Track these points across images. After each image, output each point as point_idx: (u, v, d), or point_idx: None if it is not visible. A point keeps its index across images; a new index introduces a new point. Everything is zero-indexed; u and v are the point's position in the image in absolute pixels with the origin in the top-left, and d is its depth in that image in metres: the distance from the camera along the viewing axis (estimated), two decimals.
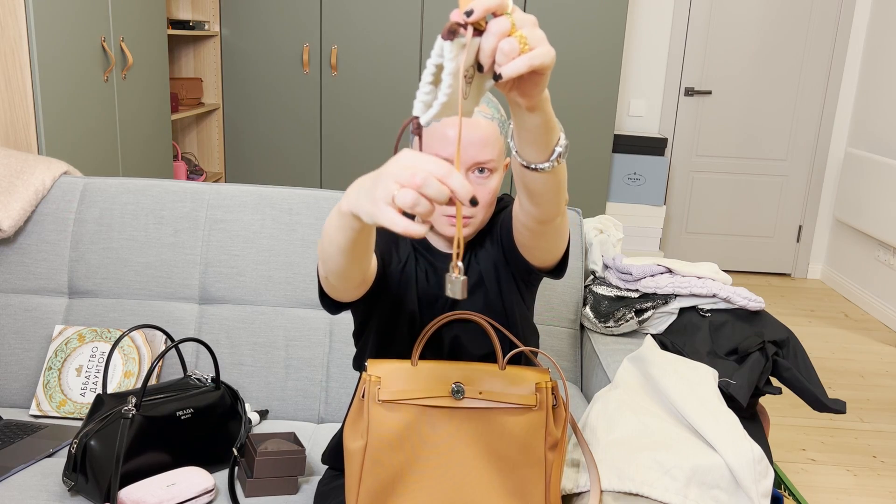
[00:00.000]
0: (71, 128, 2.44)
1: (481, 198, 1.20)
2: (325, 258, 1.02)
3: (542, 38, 0.78)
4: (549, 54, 0.77)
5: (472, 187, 0.79)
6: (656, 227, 4.24)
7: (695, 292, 1.76)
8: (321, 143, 3.98)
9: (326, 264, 1.03)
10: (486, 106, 1.22)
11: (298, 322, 1.75)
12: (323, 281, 1.09)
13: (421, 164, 0.77)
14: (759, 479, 1.20)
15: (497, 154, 1.20)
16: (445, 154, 1.18)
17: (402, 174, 0.76)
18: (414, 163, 0.77)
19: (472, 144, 1.17)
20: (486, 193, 1.21)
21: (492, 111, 1.22)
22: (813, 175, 4.54)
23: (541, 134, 0.91)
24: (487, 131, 1.19)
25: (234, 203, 1.81)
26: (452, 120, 1.19)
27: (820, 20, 4.34)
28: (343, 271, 1.01)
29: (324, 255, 1.02)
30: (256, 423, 1.68)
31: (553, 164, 0.95)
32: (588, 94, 3.88)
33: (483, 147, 1.18)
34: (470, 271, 1.27)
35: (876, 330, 3.84)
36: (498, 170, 1.22)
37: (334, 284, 1.06)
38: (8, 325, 1.76)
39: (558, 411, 1.19)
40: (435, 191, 0.75)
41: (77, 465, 1.35)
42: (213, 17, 3.83)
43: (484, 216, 1.24)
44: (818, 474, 2.47)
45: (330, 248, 0.99)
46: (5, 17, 2.16)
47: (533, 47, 0.76)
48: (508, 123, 1.25)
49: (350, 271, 1.02)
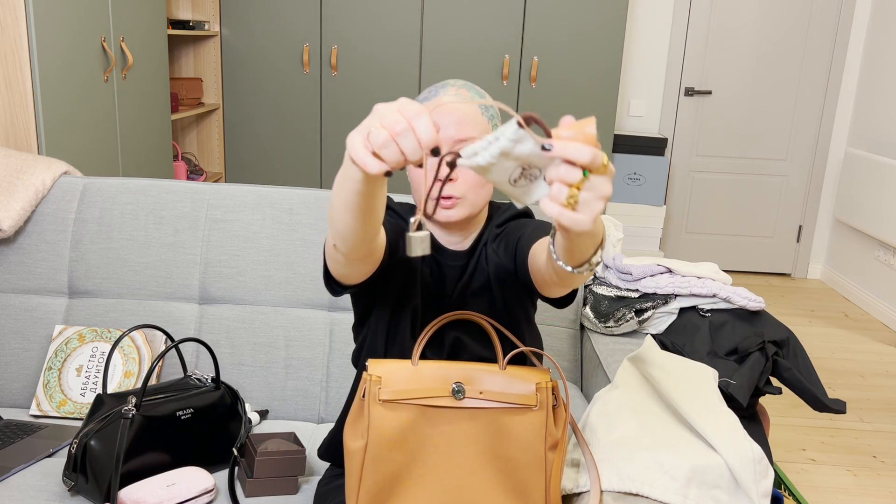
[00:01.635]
0: (71, 128, 2.44)
1: (463, 176, 1.19)
2: (332, 219, 1.00)
3: (594, 210, 0.77)
4: (580, 224, 0.77)
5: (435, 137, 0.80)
6: (656, 227, 4.24)
7: (695, 292, 1.76)
8: (321, 143, 3.98)
9: (335, 226, 1.00)
10: (465, 90, 1.22)
11: (298, 322, 1.75)
12: (330, 254, 1.07)
13: (409, 116, 0.78)
14: (759, 479, 1.20)
15: (478, 131, 1.19)
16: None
17: (388, 117, 0.78)
18: (405, 113, 0.78)
19: (449, 124, 1.17)
20: (469, 173, 1.19)
21: (471, 94, 1.22)
22: (813, 175, 4.54)
23: (574, 250, 0.91)
24: (462, 111, 1.19)
25: (234, 203, 1.81)
26: (435, 105, 1.17)
27: (820, 20, 4.34)
28: (350, 232, 0.99)
29: (332, 216, 1.00)
30: (256, 423, 1.68)
31: (578, 272, 0.95)
32: (588, 94, 3.88)
33: (461, 125, 1.17)
34: (478, 273, 1.27)
35: (876, 330, 3.84)
36: None
37: (342, 253, 1.03)
38: (8, 325, 1.76)
39: (559, 411, 1.19)
40: (409, 146, 0.77)
41: (77, 465, 1.35)
42: (213, 17, 3.83)
43: (474, 198, 1.21)
44: (818, 474, 2.47)
45: (337, 203, 0.97)
46: (5, 17, 2.16)
47: (575, 209, 0.76)
48: (494, 110, 1.25)
49: (358, 232, 0.99)
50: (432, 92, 1.23)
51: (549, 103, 3.89)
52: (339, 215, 0.97)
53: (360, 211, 0.95)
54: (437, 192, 1.15)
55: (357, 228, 0.98)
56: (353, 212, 0.95)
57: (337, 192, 0.96)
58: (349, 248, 1.02)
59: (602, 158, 0.75)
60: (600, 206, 0.77)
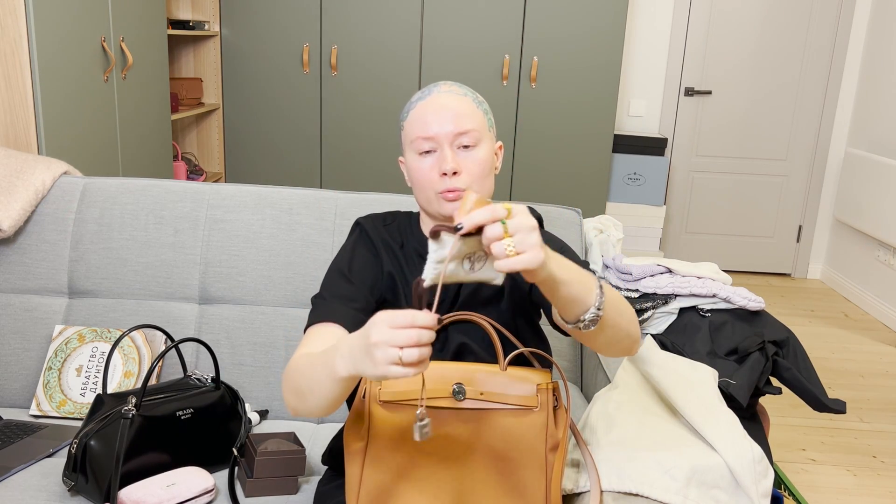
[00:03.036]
0: (71, 128, 2.44)
1: (469, 168, 1.20)
2: (298, 401, 1.08)
3: (532, 244, 0.90)
4: (532, 261, 0.90)
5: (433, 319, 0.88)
6: (656, 227, 4.24)
7: (695, 292, 1.76)
8: (321, 143, 3.98)
9: (298, 408, 1.09)
10: (457, 87, 1.25)
11: (298, 322, 1.75)
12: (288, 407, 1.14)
13: (405, 323, 0.87)
14: (759, 479, 1.20)
15: (476, 124, 1.21)
16: (424, 134, 1.20)
17: (396, 338, 0.86)
18: (400, 323, 0.87)
19: (446, 122, 1.19)
20: (474, 164, 1.21)
21: (463, 90, 1.24)
22: (813, 175, 4.54)
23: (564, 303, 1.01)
24: (459, 106, 1.21)
25: (234, 203, 1.81)
26: (431, 103, 1.22)
27: (820, 20, 4.34)
28: (328, 409, 1.06)
29: (297, 397, 1.07)
30: (256, 423, 1.68)
31: (579, 327, 1.04)
32: (588, 94, 3.88)
33: (458, 119, 1.20)
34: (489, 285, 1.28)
35: (876, 330, 3.84)
36: (483, 140, 1.23)
37: (311, 415, 1.11)
38: (8, 325, 1.76)
39: (559, 412, 1.18)
40: (427, 338, 0.87)
41: (77, 465, 1.35)
42: (213, 17, 3.83)
43: (479, 189, 1.23)
44: (818, 474, 2.48)
45: (311, 398, 1.04)
46: (5, 17, 2.16)
47: (520, 252, 0.90)
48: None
49: (332, 408, 1.07)
50: (426, 92, 1.24)
51: (549, 103, 3.89)
52: (313, 405, 1.06)
53: (344, 396, 1.03)
54: None
55: (334, 405, 1.06)
56: (335, 402, 1.04)
57: (311, 391, 1.03)
58: (320, 413, 1.09)
59: (499, 208, 0.90)
60: (533, 236, 0.90)
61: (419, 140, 1.21)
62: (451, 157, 1.19)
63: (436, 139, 1.20)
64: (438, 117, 1.19)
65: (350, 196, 1.83)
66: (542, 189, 4.00)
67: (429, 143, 1.20)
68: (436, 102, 1.21)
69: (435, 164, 1.20)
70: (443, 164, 1.18)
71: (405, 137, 1.24)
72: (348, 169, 4.01)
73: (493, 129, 1.28)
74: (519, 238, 0.90)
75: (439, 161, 1.19)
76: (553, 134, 3.93)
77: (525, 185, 4.00)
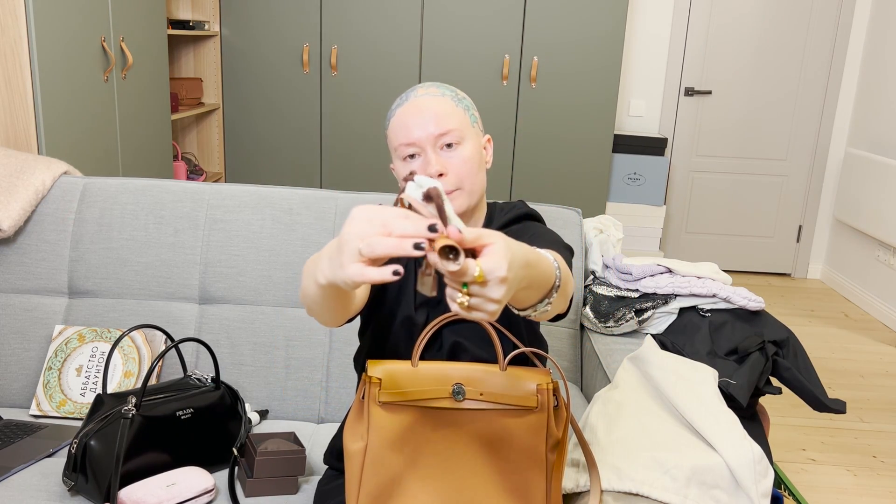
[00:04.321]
0: (71, 128, 2.44)
1: (454, 168, 1.21)
2: (308, 305, 1.06)
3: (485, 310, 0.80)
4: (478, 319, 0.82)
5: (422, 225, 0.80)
6: (656, 227, 4.24)
7: (695, 292, 1.76)
8: (321, 143, 3.98)
9: (311, 311, 1.07)
10: (434, 87, 1.25)
11: (298, 322, 1.75)
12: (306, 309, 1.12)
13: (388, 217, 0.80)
14: (759, 479, 1.20)
15: (457, 122, 1.22)
16: (406, 140, 1.21)
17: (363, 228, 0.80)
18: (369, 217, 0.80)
19: (427, 124, 1.20)
20: (459, 163, 1.21)
21: (441, 90, 1.25)
22: (813, 175, 4.54)
23: (517, 301, 0.96)
24: (437, 106, 1.21)
25: (234, 203, 1.81)
26: (410, 108, 1.22)
27: (820, 20, 4.34)
28: (330, 319, 1.06)
29: (306, 301, 1.05)
30: (256, 423, 1.68)
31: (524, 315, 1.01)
32: (588, 94, 3.88)
33: (437, 119, 1.20)
34: None
35: (876, 330, 3.84)
36: (467, 137, 1.23)
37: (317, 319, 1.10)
38: (8, 325, 1.76)
39: (559, 412, 1.18)
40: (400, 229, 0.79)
41: (77, 465, 1.35)
42: (213, 17, 3.83)
43: (471, 185, 1.23)
44: (818, 474, 2.48)
45: (314, 306, 1.03)
46: (5, 17, 2.16)
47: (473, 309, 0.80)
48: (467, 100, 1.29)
49: (338, 317, 1.06)
50: (404, 97, 1.25)
51: (549, 103, 3.89)
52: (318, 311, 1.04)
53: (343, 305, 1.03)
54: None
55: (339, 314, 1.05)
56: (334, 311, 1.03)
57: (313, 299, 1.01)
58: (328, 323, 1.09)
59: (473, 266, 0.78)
60: (491, 307, 0.80)
61: (402, 146, 1.22)
62: (435, 160, 1.20)
63: (418, 143, 1.21)
64: (418, 121, 1.21)
65: (350, 196, 1.83)
66: (542, 189, 4.00)
67: (412, 148, 1.22)
68: (414, 106, 1.22)
69: (420, 169, 1.21)
70: (427, 167, 1.19)
71: (390, 145, 1.26)
72: (348, 169, 4.01)
73: (478, 123, 1.28)
74: (476, 302, 0.81)
75: (424, 165, 1.20)
76: (553, 134, 3.93)
77: (525, 185, 4.00)
